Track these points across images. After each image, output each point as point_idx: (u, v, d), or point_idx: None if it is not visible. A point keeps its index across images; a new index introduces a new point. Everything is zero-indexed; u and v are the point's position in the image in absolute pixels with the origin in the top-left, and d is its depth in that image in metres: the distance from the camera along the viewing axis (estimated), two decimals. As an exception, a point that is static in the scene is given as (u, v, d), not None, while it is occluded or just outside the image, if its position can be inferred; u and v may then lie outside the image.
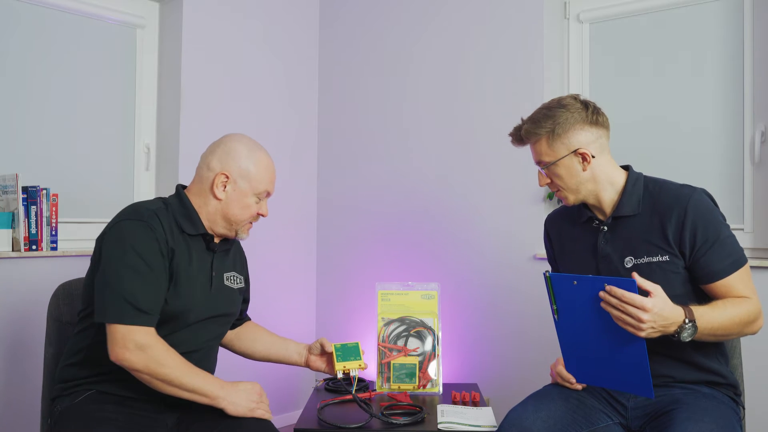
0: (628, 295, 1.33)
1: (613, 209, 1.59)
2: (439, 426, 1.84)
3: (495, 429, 1.79)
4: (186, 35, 2.86)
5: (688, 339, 1.39)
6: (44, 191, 2.41)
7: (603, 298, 1.36)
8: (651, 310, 1.33)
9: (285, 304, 3.25)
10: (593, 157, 1.56)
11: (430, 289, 2.31)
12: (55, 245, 2.45)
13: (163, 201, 1.64)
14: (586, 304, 1.41)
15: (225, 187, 1.62)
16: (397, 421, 1.85)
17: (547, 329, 1.79)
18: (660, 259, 1.52)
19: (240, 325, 1.89)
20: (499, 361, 2.82)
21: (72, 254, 2.49)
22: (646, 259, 1.54)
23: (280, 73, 3.27)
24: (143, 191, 2.88)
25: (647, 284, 1.36)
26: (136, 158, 2.88)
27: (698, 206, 1.50)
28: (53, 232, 2.44)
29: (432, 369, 2.21)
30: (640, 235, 1.55)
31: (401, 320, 2.27)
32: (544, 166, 1.60)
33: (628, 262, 1.56)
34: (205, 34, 2.93)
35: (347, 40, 3.36)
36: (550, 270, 1.63)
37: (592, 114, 1.57)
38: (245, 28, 3.11)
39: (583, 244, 1.65)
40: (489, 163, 2.88)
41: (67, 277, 1.84)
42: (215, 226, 1.65)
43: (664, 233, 1.52)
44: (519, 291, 2.76)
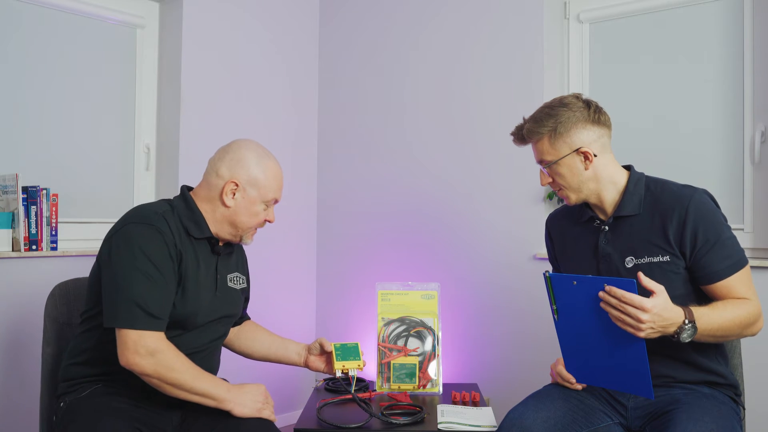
0: (627, 296, 1.33)
1: (615, 209, 1.59)
2: (439, 426, 1.84)
3: (495, 429, 1.79)
4: (186, 35, 2.86)
5: (688, 340, 1.39)
6: (44, 191, 2.41)
7: (602, 298, 1.36)
8: (650, 311, 1.32)
9: (285, 304, 3.25)
10: (595, 156, 1.56)
11: (430, 289, 2.31)
12: (55, 245, 2.45)
13: (169, 203, 1.64)
14: (586, 304, 1.41)
15: (234, 194, 1.62)
16: (397, 421, 1.85)
17: (547, 329, 1.79)
18: (661, 259, 1.52)
19: (240, 325, 1.89)
20: (499, 361, 2.82)
21: (72, 254, 2.49)
22: (646, 259, 1.53)
23: (280, 73, 3.26)
24: (143, 191, 2.88)
25: (651, 284, 1.36)
26: (136, 158, 2.88)
27: (699, 207, 1.50)
28: (53, 232, 2.44)
29: (432, 369, 2.21)
30: (641, 235, 1.55)
31: (401, 320, 2.27)
32: (546, 165, 1.60)
33: (629, 262, 1.56)
34: (205, 33, 2.93)
35: (347, 40, 3.36)
36: (550, 270, 1.62)
37: (594, 113, 1.57)
38: (245, 27, 3.11)
39: (584, 244, 1.65)
40: (489, 163, 2.87)
41: (67, 277, 1.84)
42: (221, 231, 1.65)
43: (665, 233, 1.52)
44: (519, 291, 2.76)
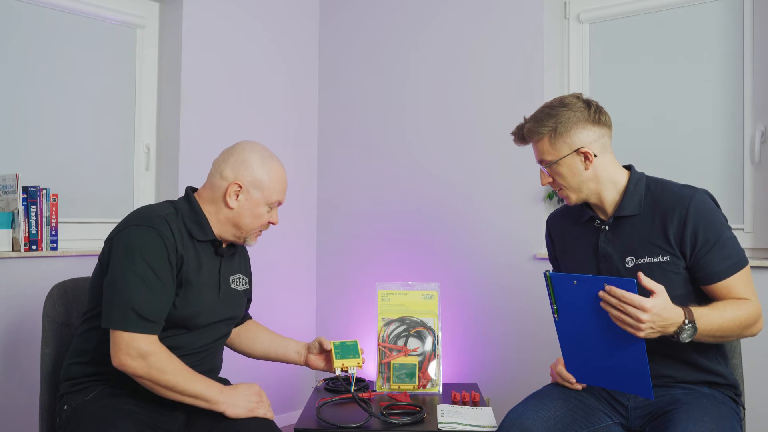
0: (627, 295, 1.33)
1: (615, 209, 1.59)
2: (439, 426, 1.84)
3: (495, 429, 1.79)
4: (186, 35, 2.85)
5: (688, 340, 1.39)
6: (44, 191, 2.41)
7: (602, 297, 1.36)
8: (650, 311, 1.32)
9: (285, 304, 3.25)
10: (595, 156, 1.56)
11: (430, 289, 2.31)
12: (55, 245, 2.44)
13: (173, 205, 1.64)
14: (586, 303, 1.41)
15: (237, 196, 1.62)
16: (397, 421, 1.85)
17: (547, 329, 1.79)
18: (661, 259, 1.52)
19: (241, 324, 1.89)
20: (499, 361, 2.82)
21: (72, 254, 2.49)
22: (647, 259, 1.53)
23: (280, 73, 3.26)
24: (143, 191, 2.88)
25: (651, 284, 1.36)
26: (136, 158, 2.88)
27: (700, 207, 1.50)
28: (53, 232, 2.44)
29: (432, 369, 2.21)
30: (642, 235, 1.55)
31: (401, 320, 2.27)
32: (547, 165, 1.60)
33: (629, 262, 1.56)
34: (205, 33, 2.93)
35: (347, 40, 3.36)
36: (550, 269, 1.62)
37: (594, 113, 1.57)
38: (245, 27, 3.11)
39: (585, 244, 1.65)
40: (489, 163, 2.87)
41: (68, 277, 1.84)
42: (224, 233, 1.65)
43: (665, 233, 1.52)
44: (519, 291, 2.76)
